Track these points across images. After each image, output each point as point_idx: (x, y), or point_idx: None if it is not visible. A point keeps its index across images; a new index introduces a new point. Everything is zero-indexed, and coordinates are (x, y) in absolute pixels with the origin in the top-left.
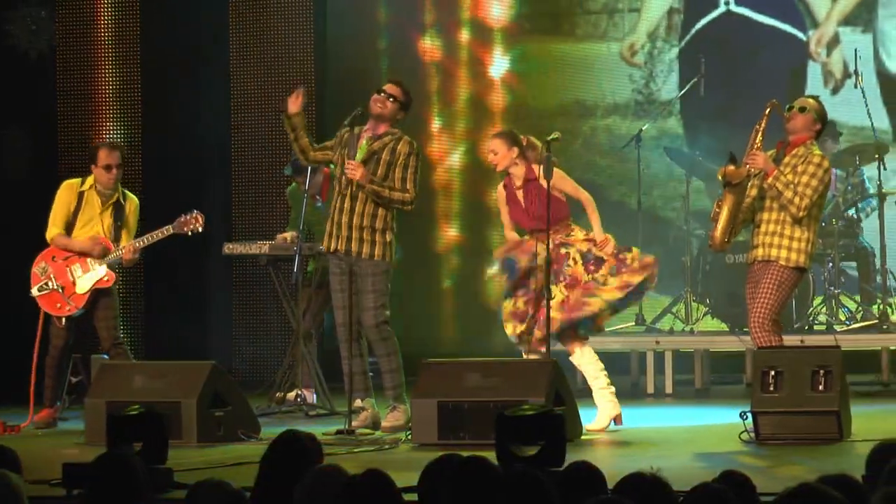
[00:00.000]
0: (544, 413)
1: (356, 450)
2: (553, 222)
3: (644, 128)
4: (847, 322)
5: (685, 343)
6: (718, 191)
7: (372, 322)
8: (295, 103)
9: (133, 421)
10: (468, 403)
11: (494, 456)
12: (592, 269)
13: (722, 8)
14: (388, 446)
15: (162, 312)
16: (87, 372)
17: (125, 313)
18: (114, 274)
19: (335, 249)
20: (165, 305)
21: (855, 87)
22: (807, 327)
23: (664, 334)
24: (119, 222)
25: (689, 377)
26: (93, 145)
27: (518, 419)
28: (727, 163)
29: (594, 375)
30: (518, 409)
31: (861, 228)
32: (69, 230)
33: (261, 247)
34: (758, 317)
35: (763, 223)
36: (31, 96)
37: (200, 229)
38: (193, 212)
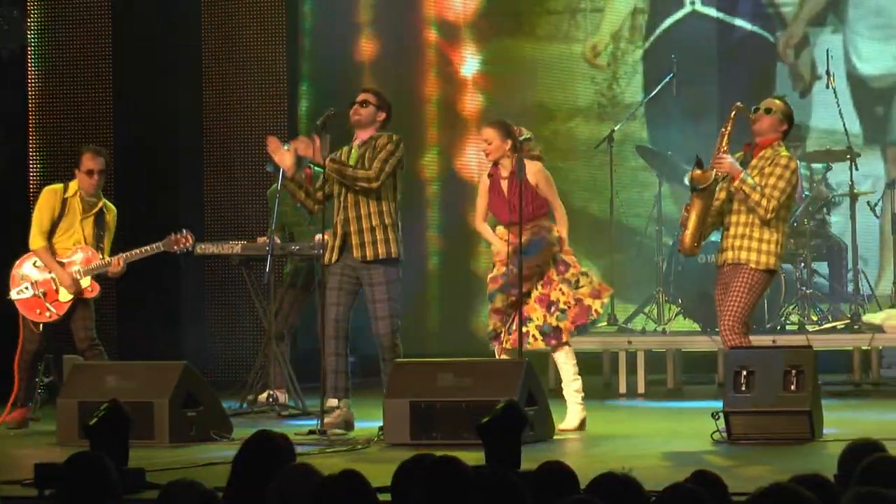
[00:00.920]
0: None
1: (328, 450)
2: (533, 217)
3: (616, 128)
4: (819, 322)
5: (657, 343)
6: (687, 194)
7: (388, 330)
8: (285, 158)
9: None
10: (440, 403)
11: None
12: (563, 270)
13: (687, 8)
14: (361, 446)
15: (134, 312)
16: (60, 372)
17: (99, 313)
18: (98, 285)
19: (334, 261)
20: (138, 305)
21: (827, 88)
22: (779, 327)
23: (636, 334)
24: (102, 231)
25: (662, 377)
26: (79, 150)
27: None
28: (694, 167)
29: (571, 378)
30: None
31: (829, 224)
32: (49, 237)
33: (233, 247)
34: (728, 320)
35: (732, 226)
36: (2, 97)
37: (189, 248)
38: (183, 231)
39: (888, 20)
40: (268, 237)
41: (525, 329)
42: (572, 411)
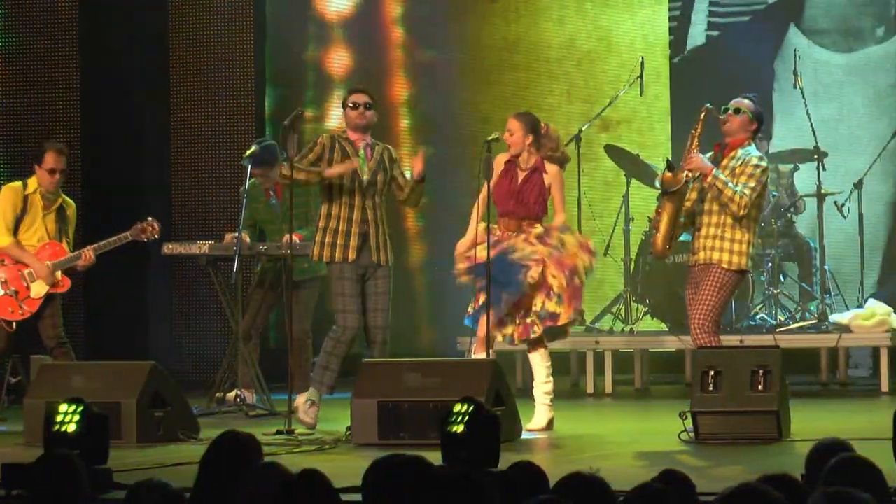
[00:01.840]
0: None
1: (296, 450)
2: (536, 217)
3: (584, 128)
4: (787, 322)
5: (625, 343)
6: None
7: (387, 323)
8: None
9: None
10: (408, 403)
11: (435, 456)
12: (549, 242)
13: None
14: (329, 446)
15: (102, 312)
16: (27, 372)
17: (66, 313)
18: (69, 280)
19: (353, 259)
20: (106, 305)
21: (794, 88)
22: (746, 327)
23: (604, 334)
24: (64, 226)
25: (629, 377)
26: (41, 146)
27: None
28: (665, 170)
29: (544, 379)
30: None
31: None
32: (13, 234)
33: (201, 247)
34: (699, 319)
35: (704, 226)
36: None
37: (157, 236)
38: (148, 218)
39: None
40: (235, 237)
41: (529, 320)
42: (540, 411)
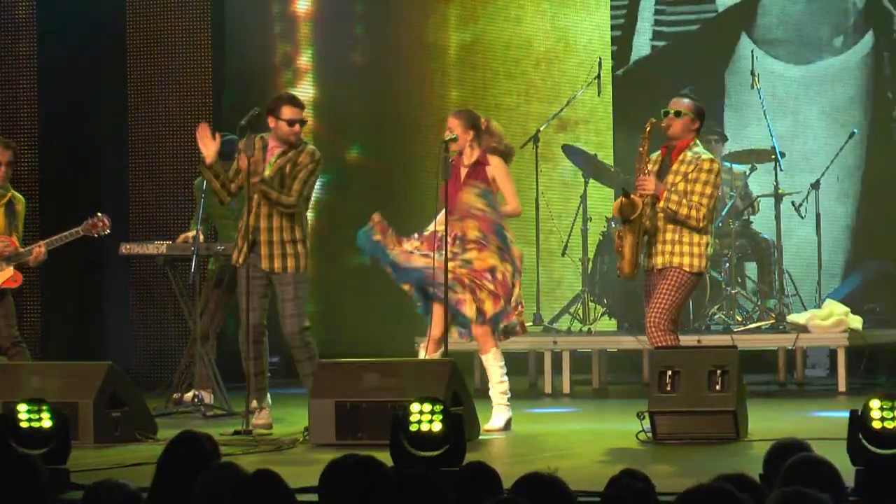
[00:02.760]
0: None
1: (253, 450)
2: (469, 215)
3: (542, 128)
4: (744, 322)
5: (583, 343)
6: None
7: (295, 329)
8: (209, 147)
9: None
10: (366, 404)
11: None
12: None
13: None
14: (286, 447)
15: (59, 312)
16: None
17: (22, 313)
18: (21, 275)
19: (252, 264)
20: (63, 305)
21: (751, 88)
22: (704, 327)
23: (562, 334)
24: (14, 220)
25: (587, 377)
26: None
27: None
28: (621, 197)
29: (498, 380)
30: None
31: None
32: None
33: (158, 247)
34: (655, 317)
35: (660, 231)
36: None
37: (108, 231)
38: (98, 213)
39: None
40: (192, 237)
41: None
42: (498, 411)
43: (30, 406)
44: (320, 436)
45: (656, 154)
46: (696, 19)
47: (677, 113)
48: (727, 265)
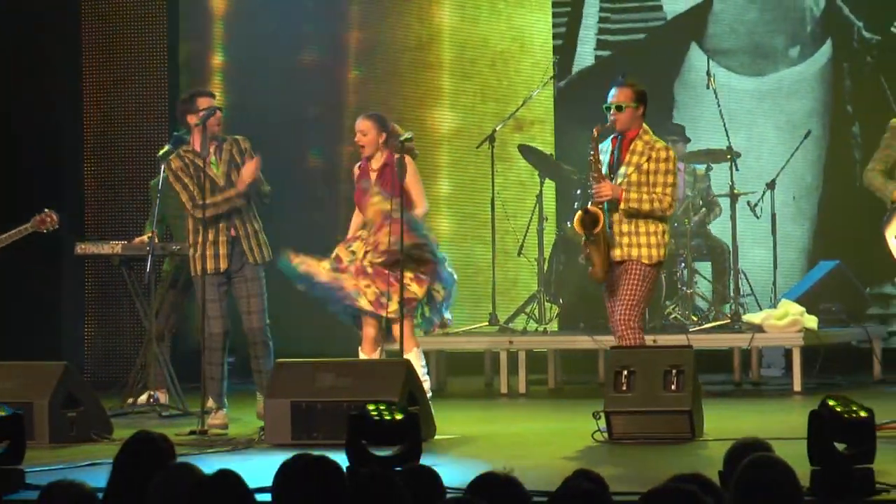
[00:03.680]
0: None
1: (209, 450)
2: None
3: (498, 127)
4: (699, 322)
5: (538, 343)
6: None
7: (262, 324)
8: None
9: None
10: (321, 403)
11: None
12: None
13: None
14: (242, 446)
15: (13, 312)
16: None
17: None
18: None
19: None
20: (16, 305)
21: (707, 88)
22: (659, 327)
23: (517, 334)
24: None
25: (543, 377)
26: None
27: (374, 421)
28: (579, 212)
29: (422, 379)
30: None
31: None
32: None
33: (113, 247)
34: (624, 315)
35: (616, 223)
36: None
37: (56, 226)
38: (45, 210)
39: None
40: (148, 237)
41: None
42: None
43: None
44: (276, 436)
45: (607, 144)
46: (643, 27)
47: (619, 107)
48: (683, 265)
